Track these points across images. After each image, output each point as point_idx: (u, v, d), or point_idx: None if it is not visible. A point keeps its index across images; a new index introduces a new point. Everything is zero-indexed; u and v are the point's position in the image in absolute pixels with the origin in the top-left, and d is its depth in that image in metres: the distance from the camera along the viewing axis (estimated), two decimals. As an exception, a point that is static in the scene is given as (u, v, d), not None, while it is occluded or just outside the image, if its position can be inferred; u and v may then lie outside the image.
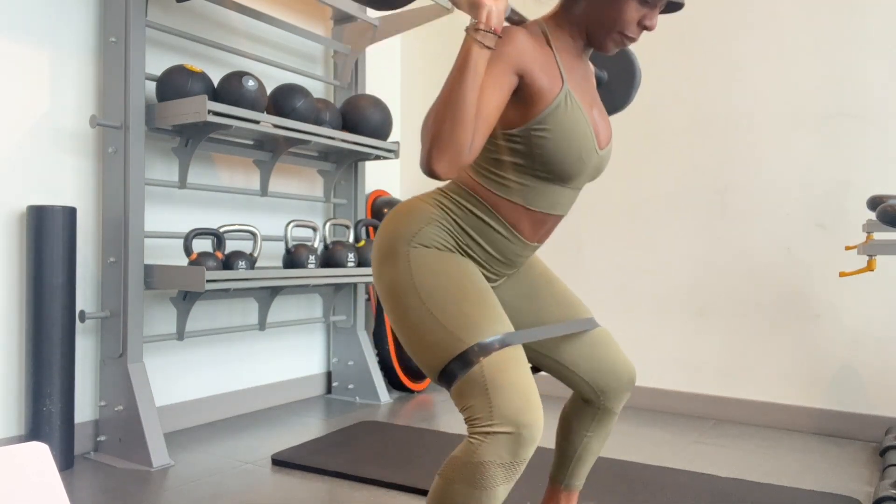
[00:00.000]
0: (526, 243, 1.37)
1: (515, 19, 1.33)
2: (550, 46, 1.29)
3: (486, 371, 1.15)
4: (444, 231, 1.30)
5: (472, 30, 1.12)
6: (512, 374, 1.16)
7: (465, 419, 1.17)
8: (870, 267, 2.28)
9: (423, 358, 1.23)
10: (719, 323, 3.02)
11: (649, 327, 3.17)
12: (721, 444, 2.62)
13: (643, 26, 1.28)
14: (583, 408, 1.54)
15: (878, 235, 2.48)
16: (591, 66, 1.50)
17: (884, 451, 2.38)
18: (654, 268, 3.17)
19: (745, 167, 2.97)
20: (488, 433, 1.12)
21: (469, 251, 1.33)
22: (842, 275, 2.34)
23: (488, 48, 1.13)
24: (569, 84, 1.28)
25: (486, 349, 1.18)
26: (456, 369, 1.18)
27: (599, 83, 1.65)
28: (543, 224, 1.36)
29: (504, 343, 1.20)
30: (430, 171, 1.11)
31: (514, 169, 1.29)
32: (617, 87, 1.64)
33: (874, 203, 2.19)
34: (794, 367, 2.86)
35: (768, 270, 2.91)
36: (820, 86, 2.83)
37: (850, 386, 2.75)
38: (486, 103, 1.16)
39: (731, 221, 3.00)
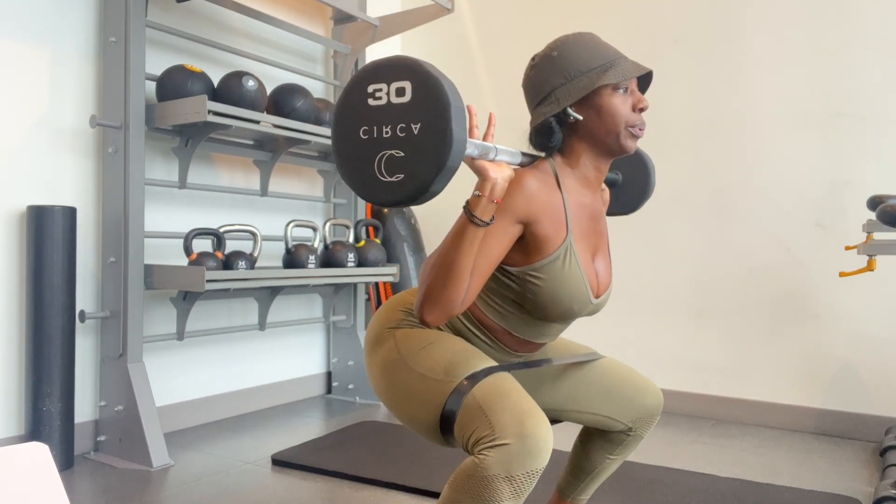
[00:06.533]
0: (511, 353, 1.36)
1: (526, 162, 1.29)
2: (560, 188, 1.27)
3: (479, 396, 1.16)
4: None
5: (474, 200, 1.10)
6: (504, 392, 1.16)
7: (471, 446, 1.14)
8: (870, 267, 2.29)
9: (422, 419, 1.22)
10: (719, 323, 3.02)
11: (649, 327, 3.17)
12: (721, 444, 2.62)
13: (640, 110, 1.28)
14: (611, 433, 1.51)
15: (878, 235, 2.48)
16: (605, 195, 1.49)
17: (884, 451, 2.38)
18: (654, 268, 3.17)
19: (746, 167, 2.97)
20: (492, 447, 1.09)
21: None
22: (842, 275, 2.34)
23: (486, 224, 1.11)
24: (573, 234, 1.26)
25: (474, 379, 1.19)
26: (452, 406, 1.18)
27: (614, 185, 1.62)
28: (528, 347, 1.37)
29: (491, 372, 1.21)
30: (421, 320, 1.16)
31: (503, 298, 1.29)
32: (629, 193, 1.62)
33: (874, 203, 2.19)
34: (794, 367, 2.85)
35: (768, 270, 2.91)
36: (820, 86, 2.83)
37: (850, 386, 2.75)
38: (486, 257, 1.16)
39: (732, 221, 3.00)
